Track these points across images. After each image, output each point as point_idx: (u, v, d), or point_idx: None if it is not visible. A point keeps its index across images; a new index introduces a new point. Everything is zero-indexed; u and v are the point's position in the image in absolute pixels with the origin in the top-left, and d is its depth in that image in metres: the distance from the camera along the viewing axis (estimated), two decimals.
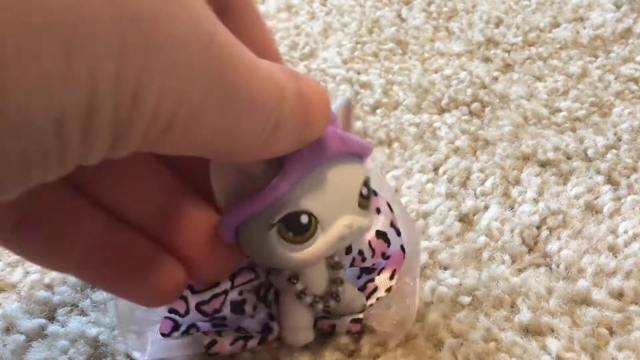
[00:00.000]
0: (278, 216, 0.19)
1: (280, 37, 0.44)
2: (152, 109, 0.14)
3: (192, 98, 0.14)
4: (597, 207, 0.30)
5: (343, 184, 0.20)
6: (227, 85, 0.15)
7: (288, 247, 0.20)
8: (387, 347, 0.24)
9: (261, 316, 0.24)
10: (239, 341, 0.23)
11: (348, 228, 0.20)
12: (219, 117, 0.15)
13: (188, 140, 0.15)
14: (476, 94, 0.38)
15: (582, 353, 0.23)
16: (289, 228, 0.19)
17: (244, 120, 0.16)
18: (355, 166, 0.21)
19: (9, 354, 0.23)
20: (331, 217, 0.20)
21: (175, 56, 0.14)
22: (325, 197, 0.20)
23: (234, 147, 0.17)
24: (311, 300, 0.22)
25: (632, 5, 0.46)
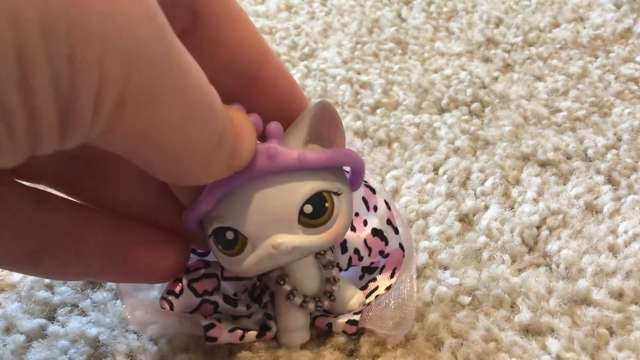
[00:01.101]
0: (209, 229, 0.20)
1: (280, 37, 0.44)
2: (96, 74, 0.13)
3: (141, 68, 0.14)
4: (597, 207, 0.30)
5: (274, 203, 0.20)
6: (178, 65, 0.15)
7: (224, 256, 0.21)
8: (387, 347, 0.24)
9: (258, 317, 0.24)
10: (237, 330, 0.23)
11: (274, 248, 0.20)
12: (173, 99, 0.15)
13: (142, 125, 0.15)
14: (476, 94, 0.38)
15: (582, 353, 0.23)
16: (218, 241, 0.20)
17: (197, 116, 0.16)
18: (297, 183, 0.20)
19: (9, 354, 0.23)
20: (260, 235, 0.20)
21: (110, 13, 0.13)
22: (253, 216, 0.20)
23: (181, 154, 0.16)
24: (301, 301, 0.22)
25: (632, 5, 0.46)
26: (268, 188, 0.20)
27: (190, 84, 0.15)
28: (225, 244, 0.20)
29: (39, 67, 0.13)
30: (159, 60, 0.14)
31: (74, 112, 0.13)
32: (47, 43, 0.12)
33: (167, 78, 0.15)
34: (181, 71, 0.15)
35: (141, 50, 0.14)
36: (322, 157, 0.20)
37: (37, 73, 0.13)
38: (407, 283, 0.24)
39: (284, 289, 0.22)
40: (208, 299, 0.23)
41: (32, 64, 0.12)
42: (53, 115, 0.13)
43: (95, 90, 0.13)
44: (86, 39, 0.13)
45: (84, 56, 0.13)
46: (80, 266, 0.20)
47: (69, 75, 0.13)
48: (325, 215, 0.20)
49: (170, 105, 0.15)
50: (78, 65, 0.13)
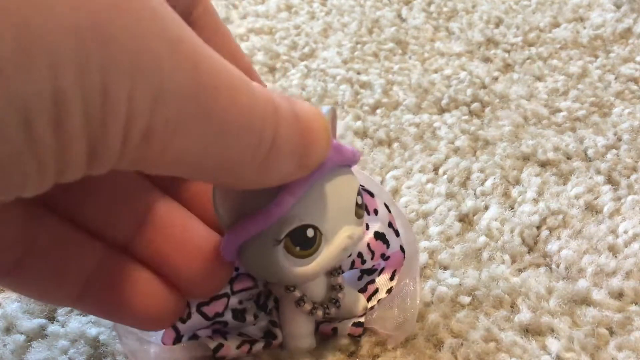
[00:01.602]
0: (285, 231, 0.19)
1: (280, 37, 0.44)
2: (125, 109, 0.13)
3: (167, 99, 0.14)
4: (597, 207, 0.30)
5: (342, 196, 0.20)
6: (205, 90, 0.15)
7: (294, 261, 0.20)
8: (387, 347, 0.24)
9: (262, 324, 0.23)
10: (244, 345, 0.22)
11: (350, 239, 0.20)
12: (200, 125, 0.15)
13: (172, 152, 0.15)
14: (476, 94, 0.38)
15: (582, 353, 0.23)
16: (295, 243, 0.20)
17: (229, 135, 0.16)
18: (350, 176, 0.20)
19: (9, 354, 0.23)
20: (333, 229, 0.20)
21: (139, 51, 0.13)
22: (327, 209, 0.20)
23: (225, 167, 0.16)
24: (310, 308, 0.22)
25: (632, 5, 0.46)
26: (335, 181, 0.20)
27: (222, 104, 0.15)
28: (306, 244, 0.20)
29: (72, 105, 0.13)
30: (183, 90, 0.14)
31: (102, 144, 0.14)
32: (83, 82, 0.13)
33: (192, 106, 0.15)
34: (211, 94, 0.15)
35: (167, 83, 0.14)
36: (358, 154, 0.21)
37: (71, 110, 0.13)
38: (411, 285, 0.24)
39: (294, 296, 0.22)
40: (218, 320, 0.22)
41: (67, 103, 0.13)
42: (82, 150, 0.13)
43: (124, 123, 0.14)
44: (118, 77, 0.13)
45: (116, 93, 0.13)
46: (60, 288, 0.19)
47: (100, 112, 0.13)
48: (364, 208, 0.21)
49: (197, 131, 0.15)
50: (109, 101, 0.13)
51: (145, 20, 0.14)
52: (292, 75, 0.40)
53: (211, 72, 0.15)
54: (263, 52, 0.42)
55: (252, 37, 0.44)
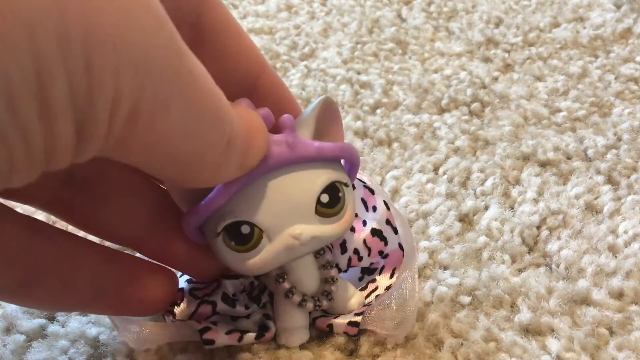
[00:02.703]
0: (220, 226, 0.20)
1: (280, 37, 0.44)
2: (111, 85, 0.13)
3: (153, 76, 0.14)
4: (597, 207, 0.30)
5: (292, 193, 0.20)
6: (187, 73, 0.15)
7: (234, 255, 0.20)
8: (387, 347, 0.24)
9: (256, 317, 0.24)
10: (235, 332, 0.23)
11: (294, 238, 0.20)
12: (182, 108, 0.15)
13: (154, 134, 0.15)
14: (476, 94, 0.38)
15: (582, 353, 0.23)
16: (231, 238, 0.20)
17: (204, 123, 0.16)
18: (313, 173, 0.20)
19: (9, 354, 0.23)
20: (278, 226, 0.20)
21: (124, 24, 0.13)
22: (269, 207, 0.20)
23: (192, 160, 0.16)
24: (299, 299, 0.22)
25: (632, 5, 0.46)
26: (286, 178, 0.20)
27: (198, 91, 0.15)
28: (240, 240, 0.20)
29: (56, 80, 0.12)
30: (170, 69, 0.14)
31: (89, 124, 0.13)
32: (65, 55, 0.12)
33: (178, 87, 0.15)
34: (190, 79, 0.15)
35: (153, 60, 0.14)
36: (336, 148, 0.20)
37: (55, 86, 0.12)
38: (409, 283, 0.24)
39: (283, 287, 0.22)
40: (206, 299, 0.23)
41: (50, 77, 0.12)
42: (69, 129, 0.13)
43: (111, 101, 0.13)
44: (102, 50, 0.13)
45: (100, 66, 0.13)
46: (71, 297, 0.20)
47: (86, 87, 0.13)
48: (339, 205, 0.21)
49: (180, 114, 0.15)
50: (95, 76, 0.13)
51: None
52: (292, 75, 0.40)
53: (190, 58, 0.15)
54: (263, 52, 0.42)
55: (252, 37, 0.44)
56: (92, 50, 0.13)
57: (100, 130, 0.14)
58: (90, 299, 0.20)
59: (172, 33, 0.14)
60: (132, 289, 0.21)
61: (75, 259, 0.20)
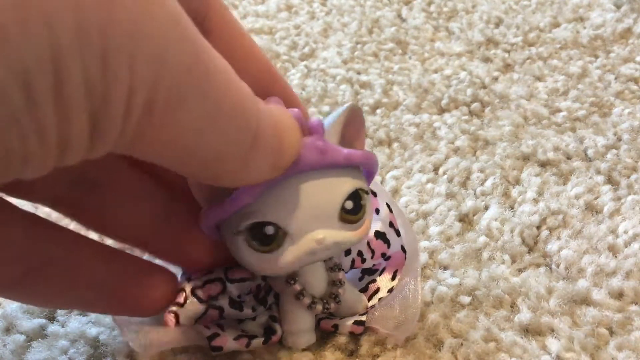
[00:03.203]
0: (243, 225, 0.20)
1: (280, 37, 0.44)
2: (127, 78, 0.13)
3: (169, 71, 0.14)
4: (597, 207, 0.30)
5: (318, 198, 0.20)
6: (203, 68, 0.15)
7: (255, 254, 0.20)
8: (387, 347, 0.24)
9: (262, 320, 0.23)
10: (242, 338, 0.22)
11: (318, 243, 0.20)
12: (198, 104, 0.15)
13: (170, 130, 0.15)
14: (476, 94, 0.38)
15: (582, 353, 0.23)
16: (253, 237, 0.20)
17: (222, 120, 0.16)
18: (339, 179, 0.20)
19: (9, 354, 0.23)
20: (302, 230, 0.20)
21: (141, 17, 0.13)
22: (296, 209, 0.20)
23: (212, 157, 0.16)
24: (310, 301, 0.22)
25: (632, 5, 0.46)
26: (314, 182, 0.20)
27: (216, 86, 0.15)
28: (263, 240, 0.20)
29: (73, 70, 0.12)
30: (186, 63, 0.14)
31: (104, 118, 0.13)
32: (82, 45, 0.12)
33: (194, 81, 0.15)
34: (207, 73, 0.15)
35: (169, 53, 0.14)
36: (363, 156, 0.20)
37: (71, 76, 0.13)
38: (412, 285, 0.24)
39: (294, 289, 0.22)
40: (214, 304, 0.22)
41: (67, 67, 0.12)
42: (84, 122, 0.13)
43: (126, 95, 0.13)
44: (118, 43, 0.13)
45: (116, 60, 0.13)
46: (70, 295, 0.20)
47: (101, 80, 0.13)
48: (361, 212, 0.21)
49: (196, 109, 0.15)
50: (110, 69, 0.13)
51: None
52: (292, 75, 0.40)
53: (208, 53, 0.15)
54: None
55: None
56: (109, 41, 0.13)
57: (114, 124, 0.14)
58: (90, 297, 0.20)
59: (188, 27, 0.14)
60: (131, 289, 0.21)
61: (76, 257, 0.20)
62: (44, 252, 0.19)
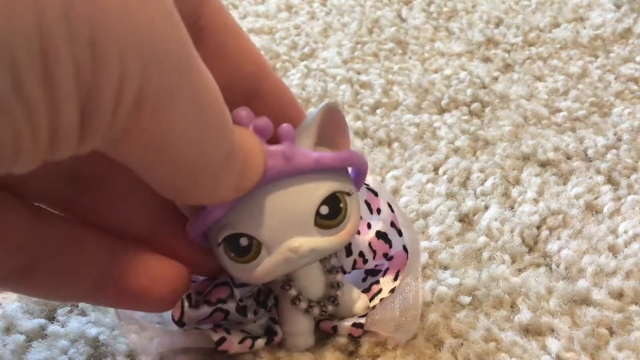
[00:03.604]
0: (220, 237, 0.20)
1: (280, 37, 0.44)
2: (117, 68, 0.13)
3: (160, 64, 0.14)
4: (597, 207, 0.30)
5: (290, 205, 0.19)
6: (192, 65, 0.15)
7: (235, 265, 0.20)
8: (387, 347, 0.24)
9: (263, 321, 0.24)
10: (246, 340, 0.23)
11: (293, 252, 0.20)
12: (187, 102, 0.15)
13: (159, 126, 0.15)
14: (476, 94, 0.38)
15: (582, 353, 0.23)
16: (230, 249, 0.20)
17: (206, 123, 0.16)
18: (312, 184, 0.20)
19: (9, 354, 0.23)
20: (276, 239, 0.20)
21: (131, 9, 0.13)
22: (267, 219, 0.19)
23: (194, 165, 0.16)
24: (306, 306, 0.22)
25: (632, 5, 0.46)
26: (284, 191, 0.19)
27: (204, 90, 0.15)
28: (239, 251, 0.20)
29: (61, 58, 0.12)
30: (176, 60, 0.14)
31: (94, 108, 0.13)
32: (71, 34, 0.12)
33: (184, 80, 0.14)
34: (196, 75, 0.15)
35: (159, 47, 0.14)
36: (336, 158, 0.20)
37: (60, 64, 0.12)
38: (413, 286, 0.24)
39: (290, 294, 0.22)
40: (221, 307, 0.22)
41: (55, 55, 0.12)
42: (74, 112, 0.13)
43: (116, 85, 0.13)
44: (108, 31, 0.13)
45: (105, 48, 0.13)
46: (72, 285, 0.20)
47: (90, 68, 0.13)
48: (340, 216, 0.20)
49: (185, 110, 0.15)
50: (100, 57, 0.13)
51: None
52: (292, 75, 0.40)
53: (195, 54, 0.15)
54: (263, 52, 0.42)
55: (252, 37, 0.44)
56: (98, 30, 0.13)
57: (104, 116, 0.14)
58: (92, 288, 0.20)
59: (179, 25, 0.14)
60: (136, 281, 0.20)
61: (78, 247, 0.19)
62: (46, 243, 0.19)
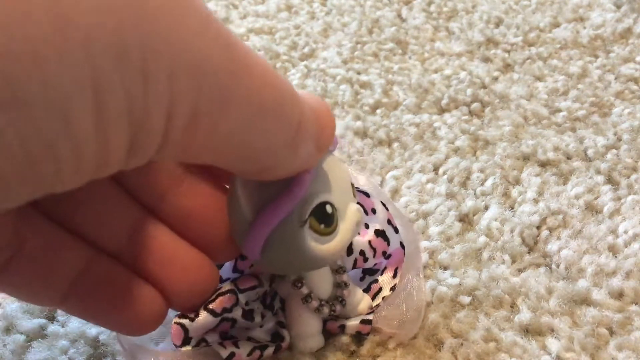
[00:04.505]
0: (308, 210, 0.19)
1: (280, 37, 0.44)
2: (167, 90, 0.13)
3: (208, 77, 0.14)
4: (597, 207, 0.30)
5: (341, 175, 0.21)
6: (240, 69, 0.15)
7: (321, 240, 0.20)
8: (387, 347, 0.24)
9: (269, 325, 0.23)
10: (255, 351, 0.22)
11: (359, 212, 0.21)
12: (242, 105, 0.15)
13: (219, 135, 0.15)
14: (476, 94, 0.38)
15: (582, 353, 0.23)
16: (319, 221, 0.20)
17: (267, 115, 0.16)
18: (337, 158, 0.21)
19: (9, 354, 0.23)
20: (343, 204, 0.21)
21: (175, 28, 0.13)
22: (335, 186, 0.20)
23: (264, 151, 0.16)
24: (317, 305, 0.22)
25: (632, 5, 0.46)
26: (334, 162, 0.21)
27: (256, 83, 0.15)
28: (328, 220, 0.20)
29: (113, 92, 0.12)
30: (224, 68, 0.14)
31: (144, 132, 0.13)
32: (122, 67, 0.12)
33: (235, 84, 0.15)
34: (247, 73, 0.15)
35: (207, 61, 0.14)
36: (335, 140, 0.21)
37: (112, 98, 0.12)
38: (415, 283, 0.24)
39: (301, 292, 0.22)
40: (227, 317, 0.22)
41: (107, 90, 0.12)
42: (124, 138, 0.13)
43: (166, 107, 0.13)
44: (158, 56, 0.13)
45: (156, 74, 0.13)
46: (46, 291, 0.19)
47: (142, 96, 0.13)
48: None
49: (240, 110, 0.15)
50: (151, 84, 0.13)
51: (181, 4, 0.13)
52: (292, 75, 0.40)
53: (241, 51, 0.15)
54: (263, 52, 0.42)
55: (252, 37, 0.44)
56: (149, 58, 0.13)
57: (155, 137, 0.14)
58: (66, 295, 0.19)
59: (220, 29, 0.14)
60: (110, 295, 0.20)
61: (57, 253, 0.19)
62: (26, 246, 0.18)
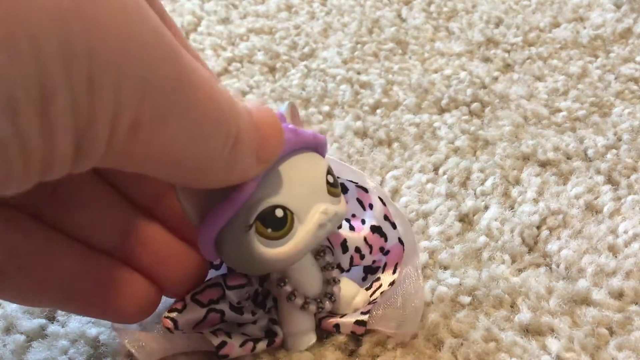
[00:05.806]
0: (253, 215, 0.20)
1: (280, 37, 0.44)
2: (112, 99, 0.13)
3: (154, 89, 0.14)
4: (597, 207, 0.30)
5: (308, 174, 0.21)
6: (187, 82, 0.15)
7: (269, 244, 0.20)
8: (387, 347, 0.24)
9: (263, 322, 0.23)
10: (248, 343, 0.22)
11: (324, 214, 0.20)
12: (184, 118, 0.15)
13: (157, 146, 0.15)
14: (476, 94, 0.38)
15: (582, 353, 0.23)
16: (266, 225, 0.20)
17: (207, 129, 0.16)
18: (314, 156, 0.21)
19: (9, 354, 0.23)
20: (305, 207, 0.20)
21: (125, 38, 0.13)
22: (294, 189, 0.20)
23: (200, 163, 0.16)
24: (302, 302, 0.22)
25: (632, 5, 0.46)
26: (300, 162, 0.20)
27: (198, 97, 0.15)
28: (277, 224, 0.20)
29: (59, 94, 0.12)
30: (170, 81, 0.14)
31: (89, 138, 0.13)
32: (69, 69, 0.12)
33: (178, 98, 0.15)
34: (191, 88, 0.15)
35: (153, 73, 0.14)
36: (322, 138, 0.21)
37: (58, 100, 0.12)
38: (412, 278, 0.24)
39: (285, 290, 0.22)
40: (214, 307, 0.22)
41: (54, 90, 0.12)
42: (69, 143, 0.13)
43: (112, 115, 0.13)
44: (105, 64, 0.13)
45: (102, 81, 0.13)
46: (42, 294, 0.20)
47: (87, 101, 0.13)
48: (339, 187, 0.22)
49: (180, 123, 0.15)
50: (97, 90, 0.13)
51: (130, 8, 0.13)
52: (292, 75, 0.40)
53: (189, 66, 0.15)
54: (263, 52, 0.42)
55: (252, 37, 0.44)
56: (96, 67, 0.13)
57: (99, 144, 0.14)
58: (62, 298, 0.20)
59: (171, 42, 0.15)
60: (105, 295, 0.20)
61: (51, 256, 0.19)
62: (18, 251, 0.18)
